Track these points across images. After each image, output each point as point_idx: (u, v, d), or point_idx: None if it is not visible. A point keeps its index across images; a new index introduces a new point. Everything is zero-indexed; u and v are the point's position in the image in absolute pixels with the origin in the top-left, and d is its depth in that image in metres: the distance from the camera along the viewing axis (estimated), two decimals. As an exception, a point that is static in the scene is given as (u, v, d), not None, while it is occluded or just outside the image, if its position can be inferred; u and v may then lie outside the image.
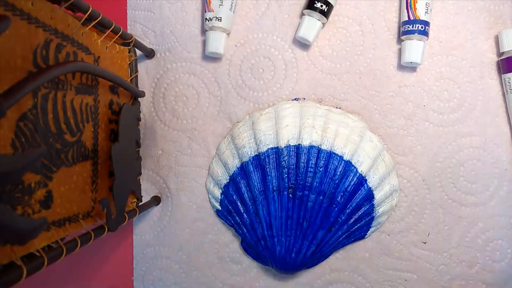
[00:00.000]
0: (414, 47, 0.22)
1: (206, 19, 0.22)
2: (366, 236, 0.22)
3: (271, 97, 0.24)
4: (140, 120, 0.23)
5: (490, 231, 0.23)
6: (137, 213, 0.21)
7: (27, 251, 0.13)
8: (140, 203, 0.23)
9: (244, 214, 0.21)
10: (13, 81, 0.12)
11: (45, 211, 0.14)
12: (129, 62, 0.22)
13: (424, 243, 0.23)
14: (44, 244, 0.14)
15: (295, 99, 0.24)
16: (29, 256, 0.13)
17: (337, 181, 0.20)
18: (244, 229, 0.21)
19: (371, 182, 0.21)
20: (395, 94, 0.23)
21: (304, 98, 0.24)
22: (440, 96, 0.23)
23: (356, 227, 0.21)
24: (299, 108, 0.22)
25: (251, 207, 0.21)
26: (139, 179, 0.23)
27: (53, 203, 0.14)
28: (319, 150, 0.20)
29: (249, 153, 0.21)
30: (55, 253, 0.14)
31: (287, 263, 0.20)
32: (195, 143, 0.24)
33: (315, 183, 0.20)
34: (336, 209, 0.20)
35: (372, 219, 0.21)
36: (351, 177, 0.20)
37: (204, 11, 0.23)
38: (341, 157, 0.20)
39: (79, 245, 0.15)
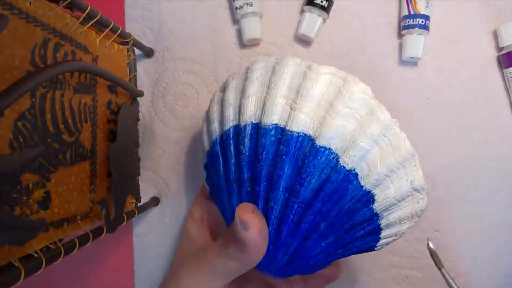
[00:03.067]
0: (415, 42, 0.22)
1: (236, 8, 0.22)
2: (376, 248, 0.15)
3: (271, 95, 0.24)
4: (139, 120, 0.23)
5: (495, 227, 0.23)
6: (136, 214, 0.21)
7: (25, 252, 0.13)
8: (139, 204, 0.23)
9: (219, 204, 0.16)
10: (11, 81, 0.12)
11: (43, 211, 0.13)
12: (127, 62, 0.22)
13: (429, 240, 0.23)
14: (42, 245, 0.13)
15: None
16: (27, 257, 0.13)
17: (307, 176, 0.13)
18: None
19: (365, 178, 0.13)
20: (397, 89, 0.23)
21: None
22: (441, 91, 0.23)
23: (352, 238, 0.14)
24: (271, 68, 0.15)
25: (218, 198, 0.16)
26: (138, 179, 0.23)
27: (51, 203, 0.14)
28: (283, 131, 0.13)
29: (216, 131, 0.16)
30: (53, 254, 0.14)
31: (263, 267, 0.14)
32: (195, 142, 0.24)
33: (275, 177, 0.13)
34: (311, 214, 0.13)
35: (378, 229, 0.14)
36: (329, 170, 0.13)
37: (232, 1, 0.23)
38: (311, 139, 0.13)
39: (77, 246, 0.15)
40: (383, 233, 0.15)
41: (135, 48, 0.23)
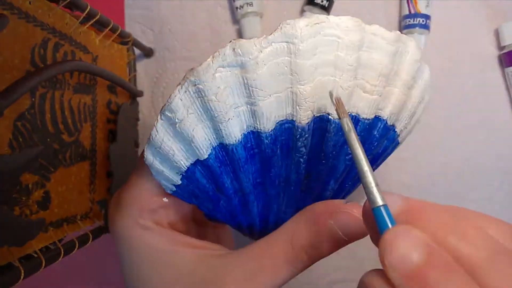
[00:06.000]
0: (416, 42, 0.22)
1: (236, 7, 0.22)
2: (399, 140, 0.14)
3: (271, 95, 0.24)
4: (138, 120, 0.23)
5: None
6: (137, 213, 0.21)
7: (24, 253, 0.13)
8: (141, 204, 0.23)
9: (223, 203, 0.13)
10: (10, 81, 0.12)
11: (43, 212, 0.13)
12: (127, 61, 0.22)
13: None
14: (42, 245, 0.13)
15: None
16: (26, 257, 0.13)
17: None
18: (219, 215, 0.13)
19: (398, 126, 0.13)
20: (397, 90, 0.23)
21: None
22: (442, 90, 0.23)
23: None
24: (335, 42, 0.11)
25: (236, 199, 0.13)
26: (139, 179, 0.23)
27: (50, 204, 0.14)
28: (357, 120, 0.12)
29: (239, 129, 0.11)
30: (53, 254, 0.14)
31: None
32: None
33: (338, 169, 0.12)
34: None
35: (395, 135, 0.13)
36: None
37: (232, 0, 0.23)
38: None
39: (77, 247, 0.15)
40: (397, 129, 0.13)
41: (135, 48, 0.22)
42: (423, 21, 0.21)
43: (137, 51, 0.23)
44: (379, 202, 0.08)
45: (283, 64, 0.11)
